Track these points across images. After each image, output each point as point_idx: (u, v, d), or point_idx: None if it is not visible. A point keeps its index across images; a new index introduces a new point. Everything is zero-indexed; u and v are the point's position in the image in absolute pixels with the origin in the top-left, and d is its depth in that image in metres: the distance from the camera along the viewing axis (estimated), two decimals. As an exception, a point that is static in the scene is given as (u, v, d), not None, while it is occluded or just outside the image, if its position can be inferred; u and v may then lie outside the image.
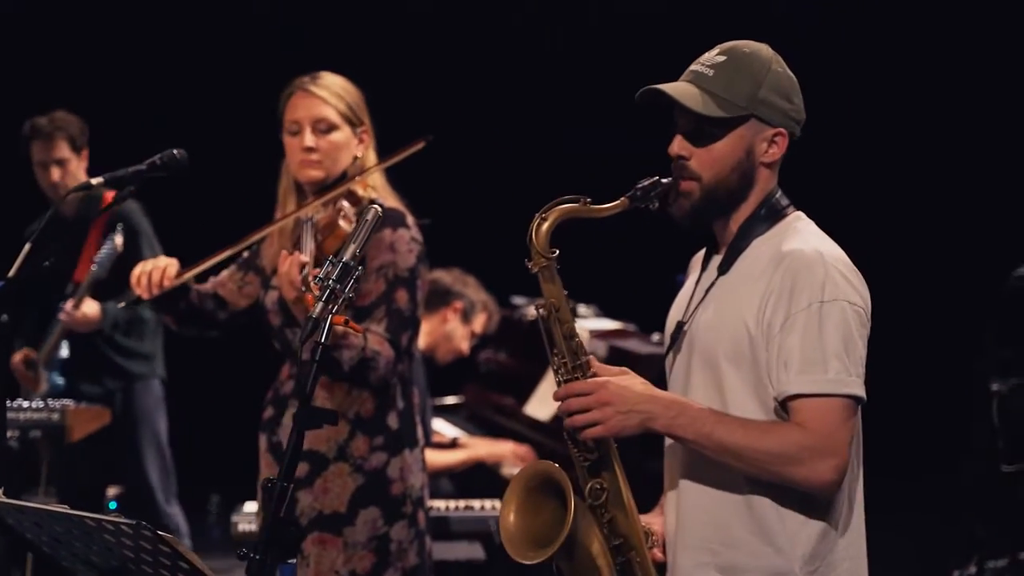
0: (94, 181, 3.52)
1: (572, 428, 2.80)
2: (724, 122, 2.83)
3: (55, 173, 5.83)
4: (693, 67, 2.90)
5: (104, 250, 5.62)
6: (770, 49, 2.90)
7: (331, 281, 2.68)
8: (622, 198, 2.86)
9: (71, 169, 5.87)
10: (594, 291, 6.58)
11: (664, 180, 2.87)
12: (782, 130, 2.87)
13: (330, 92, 4.02)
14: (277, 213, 4.10)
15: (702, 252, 3.05)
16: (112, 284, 5.71)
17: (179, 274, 3.95)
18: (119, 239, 5.64)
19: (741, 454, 2.74)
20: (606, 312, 6.30)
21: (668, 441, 2.96)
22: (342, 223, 3.84)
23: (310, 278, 3.61)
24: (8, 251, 3.46)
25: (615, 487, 2.86)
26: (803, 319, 2.74)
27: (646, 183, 2.86)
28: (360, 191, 4.00)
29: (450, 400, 6.51)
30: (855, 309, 2.77)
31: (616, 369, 2.86)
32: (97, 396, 5.89)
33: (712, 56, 2.88)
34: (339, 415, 3.91)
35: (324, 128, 4.00)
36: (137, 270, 3.95)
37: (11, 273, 3.32)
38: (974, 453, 6.60)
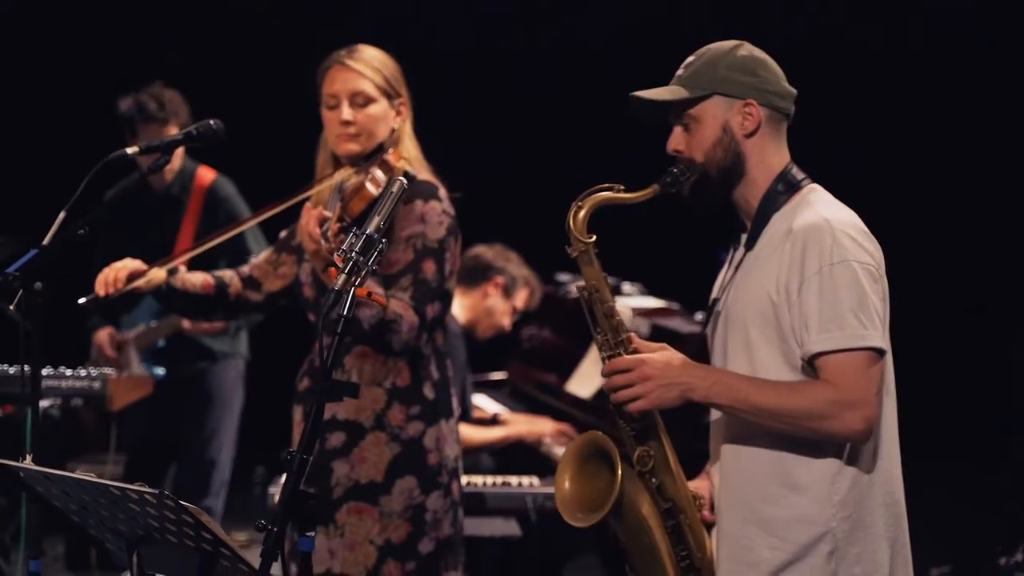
0: (130, 151, 3.51)
1: (617, 402, 3.00)
2: (691, 104, 3.05)
3: (145, 161, 5.72)
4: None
5: None
6: (739, 42, 3.11)
7: (354, 253, 2.69)
8: (653, 185, 3.05)
9: (176, 152, 5.73)
10: (640, 269, 6.55)
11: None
12: (751, 101, 3.05)
13: (367, 65, 4.04)
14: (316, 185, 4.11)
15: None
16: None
17: (133, 275, 3.96)
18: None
19: (777, 414, 2.93)
20: (651, 290, 6.27)
21: (713, 416, 3.16)
22: (369, 185, 3.88)
23: (330, 233, 3.66)
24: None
25: (661, 454, 3.08)
26: (816, 282, 2.92)
27: (675, 169, 3.05)
28: (393, 161, 3.99)
29: (495, 376, 6.49)
30: (864, 267, 2.94)
31: (655, 345, 3.07)
32: (185, 376, 5.87)
33: (686, 60, 3.11)
34: (376, 384, 3.98)
35: (361, 102, 4.01)
36: (101, 275, 3.96)
37: (45, 241, 3.32)
38: (1021, 440, 6.55)
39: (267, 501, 5.08)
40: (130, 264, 3.98)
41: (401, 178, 2.83)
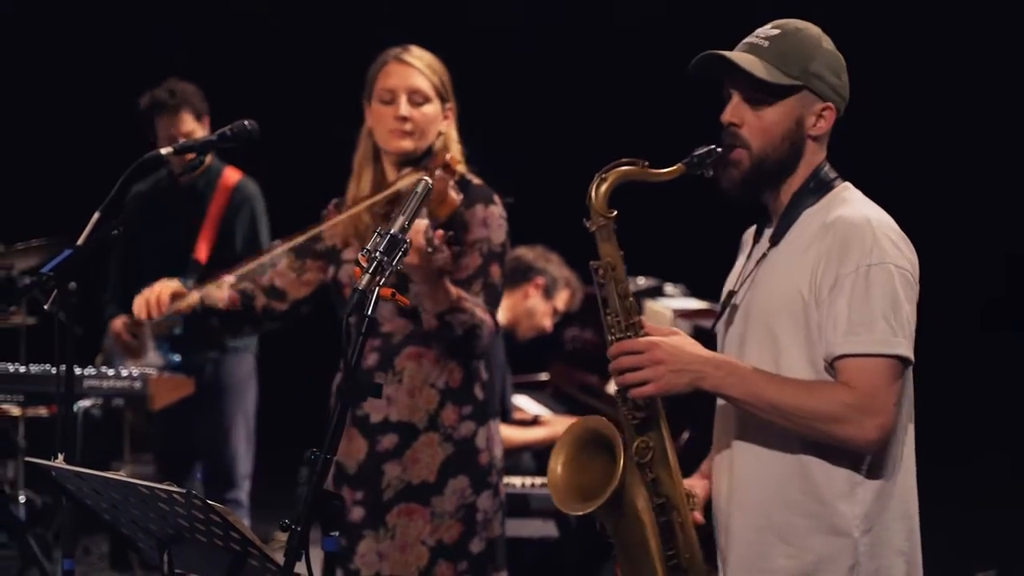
0: (164, 151, 3.52)
1: (623, 385, 2.87)
2: (778, 90, 2.89)
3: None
4: (748, 40, 2.96)
5: None
6: (820, 30, 2.97)
7: (378, 253, 2.66)
8: (679, 164, 2.91)
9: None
10: (682, 271, 6.53)
11: (719, 148, 2.92)
12: (830, 104, 2.94)
13: (425, 64, 4.03)
14: (351, 184, 4.09)
15: (751, 229, 3.12)
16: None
17: (175, 297, 3.93)
18: None
19: (789, 413, 2.79)
20: (694, 292, 6.25)
21: (719, 404, 3.03)
22: (452, 192, 3.85)
23: (437, 240, 3.61)
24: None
25: (660, 447, 2.94)
26: (851, 282, 2.79)
27: (702, 150, 2.92)
28: (454, 165, 3.97)
29: (536, 377, 6.49)
30: (902, 272, 2.82)
31: (667, 329, 2.92)
32: (191, 368, 5.92)
33: (767, 30, 2.95)
34: (429, 385, 3.97)
35: (419, 100, 3.99)
36: (140, 297, 3.94)
37: (79, 242, 3.33)
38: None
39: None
40: (170, 285, 3.94)
41: (426, 178, 2.81)
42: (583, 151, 8.00)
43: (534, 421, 5.74)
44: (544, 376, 6.51)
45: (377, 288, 2.62)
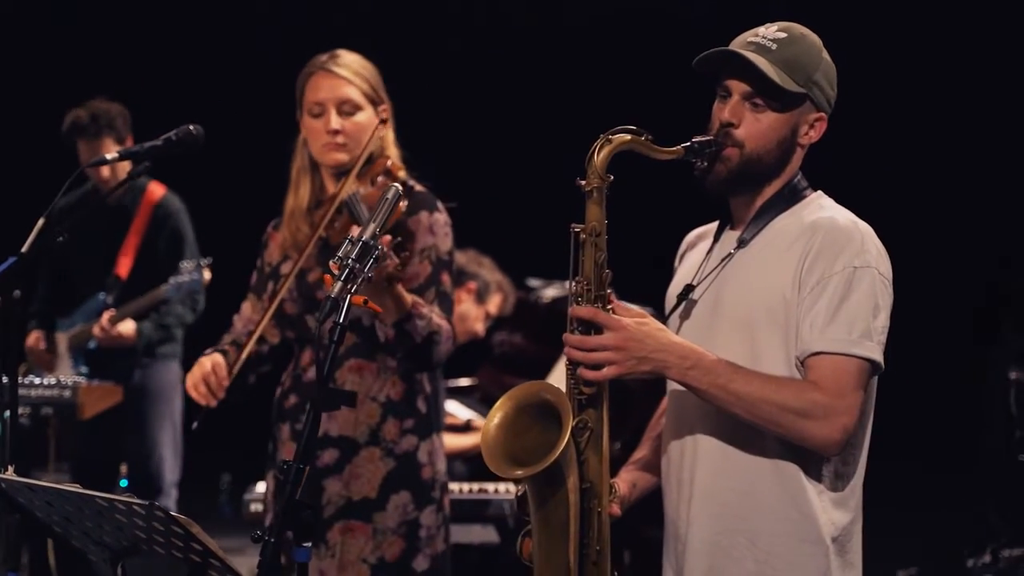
0: (109, 156, 3.48)
1: (581, 362, 2.79)
2: (784, 96, 2.88)
3: (104, 171, 5.75)
4: (751, 38, 2.93)
5: (186, 279, 5.50)
6: (817, 37, 2.96)
7: (350, 260, 2.63)
8: (679, 146, 2.88)
9: (125, 165, 5.69)
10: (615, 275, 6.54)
11: (718, 141, 2.89)
12: (823, 115, 2.93)
13: (352, 72, 3.94)
14: (289, 195, 4.02)
15: (697, 232, 3.15)
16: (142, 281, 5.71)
17: (230, 366, 3.85)
18: (207, 274, 5.56)
19: (754, 405, 2.77)
20: (626, 297, 6.26)
21: (672, 404, 3.00)
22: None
23: (387, 247, 3.48)
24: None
25: (598, 430, 2.87)
26: (835, 282, 2.80)
27: (702, 138, 2.89)
28: (395, 171, 3.93)
29: (465, 382, 6.46)
30: (883, 280, 2.84)
31: (635, 311, 2.85)
32: (116, 374, 5.85)
33: (772, 32, 2.92)
34: (370, 398, 3.89)
35: (349, 109, 3.92)
36: (189, 384, 3.84)
37: (23, 249, 3.28)
38: (990, 442, 6.57)
39: (242, 509, 5.05)
40: (218, 359, 3.84)
41: (396, 184, 2.79)
42: (517, 154, 8.07)
43: (467, 426, 5.72)
44: (472, 380, 6.48)
45: (349, 295, 2.59)
